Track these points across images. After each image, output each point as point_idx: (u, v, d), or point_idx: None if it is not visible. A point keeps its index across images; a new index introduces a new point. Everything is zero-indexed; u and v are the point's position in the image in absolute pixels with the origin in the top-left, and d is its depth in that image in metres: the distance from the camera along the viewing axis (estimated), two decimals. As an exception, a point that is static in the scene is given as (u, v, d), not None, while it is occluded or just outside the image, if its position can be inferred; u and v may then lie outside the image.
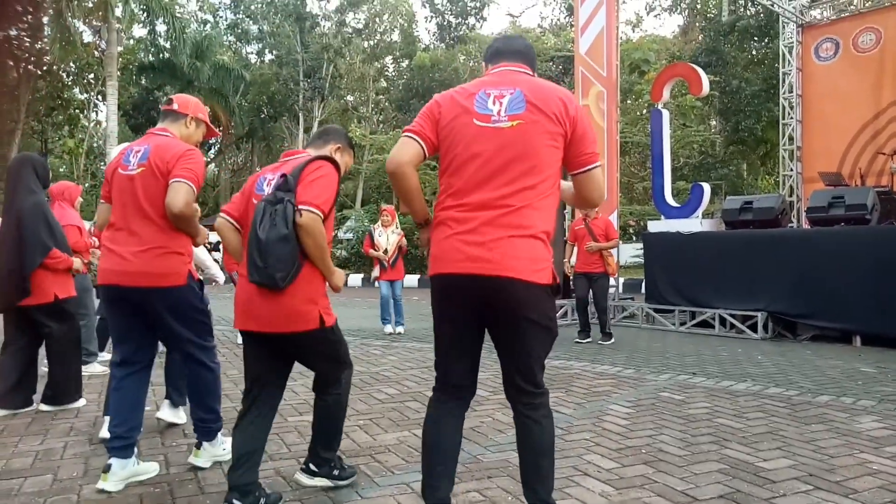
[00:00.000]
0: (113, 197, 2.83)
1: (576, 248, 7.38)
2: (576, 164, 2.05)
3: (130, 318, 2.81)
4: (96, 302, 5.64)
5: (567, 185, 2.18)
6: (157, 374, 5.15)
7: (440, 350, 2.14)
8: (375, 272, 8.23)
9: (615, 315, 9.34)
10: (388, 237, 8.15)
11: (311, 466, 2.67)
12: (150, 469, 2.86)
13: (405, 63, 33.31)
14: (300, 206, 2.28)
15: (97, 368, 5.17)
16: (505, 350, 2.07)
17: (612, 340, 7.14)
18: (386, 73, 34.04)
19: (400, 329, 8.07)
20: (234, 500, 2.34)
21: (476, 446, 3.28)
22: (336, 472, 2.68)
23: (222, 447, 3.00)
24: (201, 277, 3.11)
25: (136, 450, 2.82)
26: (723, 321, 7.90)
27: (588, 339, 7.18)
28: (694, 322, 8.22)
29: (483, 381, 4.89)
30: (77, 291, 4.24)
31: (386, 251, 8.00)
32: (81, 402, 4.12)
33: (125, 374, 2.83)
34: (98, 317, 5.37)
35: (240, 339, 7.15)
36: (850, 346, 6.81)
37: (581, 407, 4.13)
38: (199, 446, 2.97)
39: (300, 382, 4.89)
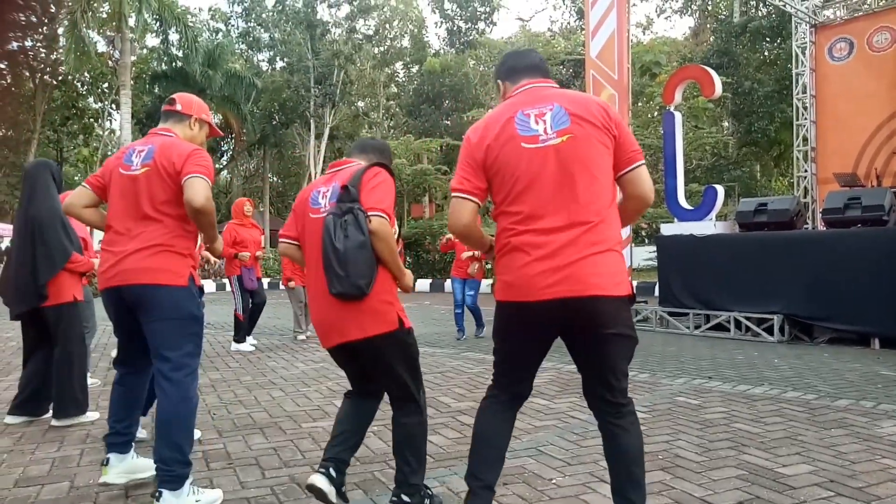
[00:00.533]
0: (111, 197, 2.71)
1: None
2: (623, 163, 2.03)
3: (127, 322, 2.68)
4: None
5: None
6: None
7: (507, 367, 2.15)
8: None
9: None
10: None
11: (404, 497, 2.40)
12: (148, 466, 2.76)
13: (415, 68, 33.41)
14: (369, 213, 2.28)
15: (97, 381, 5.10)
16: (589, 365, 2.06)
17: None
18: (396, 78, 34.18)
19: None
20: (331, 469, 2.39)
21: (491, 452, 3.26)
22: (427, 502, 2.46)
23: (195, 499, 2.54)
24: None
25: (133, 445, 2.84)
26: (738, 324, 7.82)
27: None
28: (709, 325, 8.15)
29: (497, 387, 4.88)
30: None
31: None
32: (94, 416, 3.97)
33: (126, 371, 2.79)
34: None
35: (234, 346, 7.19)
36: (869, 349, 6.72)
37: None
38: (158, 497, 2.45)
39: (314, 388, 4.90)
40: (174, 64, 25.76)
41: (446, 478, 2.90)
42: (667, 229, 9.52)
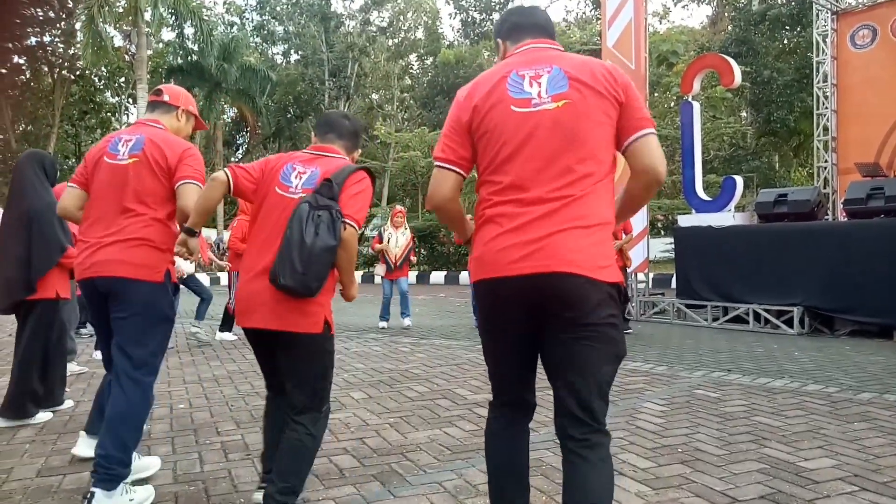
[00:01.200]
0: (95, 184, 2.62)
1: None
2: (630, 129, 1.75)
3: (106, 317, 2.58)
4: None
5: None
6: (191, 372, 5.23)
7: (492, 363, 1.91)
8: (380, 270, 8.31)
9: (646, 311, 9.22)
10: (397, 239, 8.18)
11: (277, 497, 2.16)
12: (149, 465, 2.84)
13: (429, 60, 33.32)
14: (346, 220, 2.22)
15: (74, 367, 5.08)
16: (556, 367, 1.75)
17: (632, 331, 7.23)
18: (410, 70, 34.09)
19: (408, 322, 8.18)
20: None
21: (508, 445, 3.24)
22: None
23: (129, 499, 2.44)
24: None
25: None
26: (757, 316, 7.73)
27: None
28: (727, 318, 8.06)
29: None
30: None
31: (392, 248, 8.11)
32: (69, 404, 4.03)
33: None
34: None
35: (219, 336, 7.18)
36: (891, 342, 6.60)
37: (614, 405, 4.06)
38: (90, 497, 2.35)
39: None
40: (190, 58, 25.87)
41: (463, 470, 2.89)
42: (684, 220, 9.42)
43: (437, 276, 20.42)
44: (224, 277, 17.50)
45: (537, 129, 1.74)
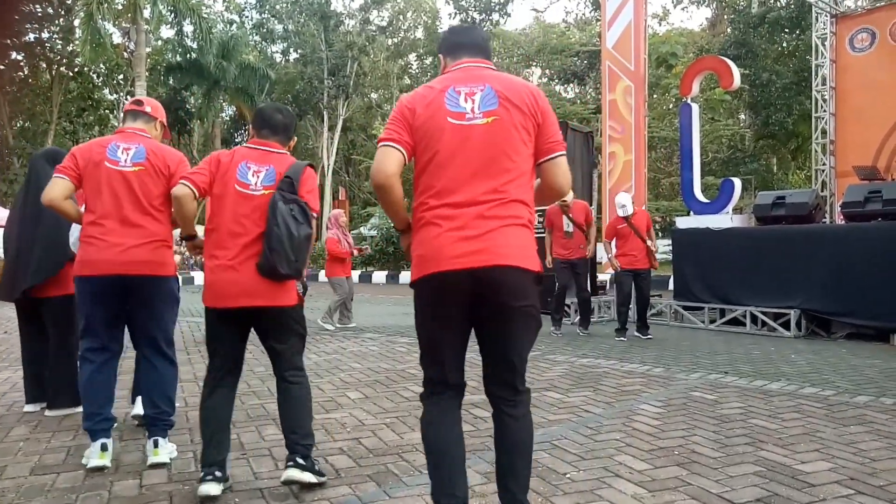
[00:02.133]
0: (96, 189, 2.90)
1: (614, 245, 7.32)
2: (544, 151, 2.04)
3: (117, 307, 2.96)
4: None
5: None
6: (187, 370, 5.21)
7: (435, 352, 2.08)
8: None
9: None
10: None
11: (299, 460, 2.60)
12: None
13: (429, 60, 33.26)
14: (312, 213, 2.64)
15: None
16: (493, 344, 2.04)
17: (651, 336, 7.19)
18: (410, 70, 34.07)
19: None
20: (217, 472, 2.54)
21: (504, 446, 3.24)
22: (317, 468, 2.70)
23: (171, 443, 3.09)
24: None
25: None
26: (754, 319, 7.73)
27: (625, 338, 7.11)
28: (724, 320, 8.07)
29: (510, 380, 4.85)
30: None
31: None
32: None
33: (104, 360, 2.97)
34: None
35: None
36: (888, 345, 6.61)
37: (610, 406, 4.06)
38: (156, 444, 2.96)
39: (326, 380, 4.91)
40: (189, 55, 25.84)
41: (459, 471, 2.88)
42: (682, 222, 9.43)
43: (435, 276, 20.39)
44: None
45: (469, 141, 1.99)
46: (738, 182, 8.90)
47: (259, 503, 2.54)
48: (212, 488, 2.50)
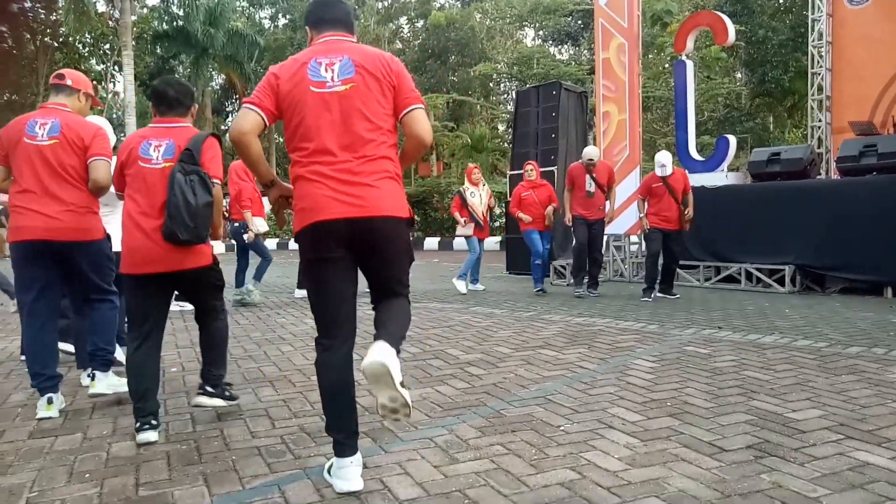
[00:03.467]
0: (19, 164, 3.14)
1: (646, 204, 7.16)
2: (402, 106, 2.30)
3: (50, 271, 3.18)
4: None
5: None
6: (184, 337, 5.23)
7: (325, 299, 2.30)
8: (466, 230, 7.99)
9: (637, 272, 9.25)
10: (480, 196, 7.98)
11: (209, 388, 3.03)
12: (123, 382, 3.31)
13: (420, 23, 32.71)
14: (213, 180, 2.86)
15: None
16: (376, 276, 2.36)
17: (678, 295, 7.13)
18: (401, 34, 33.50)
19: (480, 287, 8.10)
20: (153, 421, 2.79)
21: (499, 401, 3.27)
22: (228, 393, 3.12)
23: (116, 378, 3.41)
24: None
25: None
26: (749, 276, 7.77)
27: (651, 298, 6.93)
28: (719, 277, 8.10)
29: (505, 339, 4.88)
30: None
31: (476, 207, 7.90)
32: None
33: (42, 322, 3.20)
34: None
35: (297, 294, 7.38)
36: (882, 298, 6.66)
37: (604, 362, 4.09)
38: (93, 377, 3.36)
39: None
40: (175, 23, 25.35)
41: (454, 426, 2.92)
42: (677, 181, 9.37)
43: (431, 242, 20.41)
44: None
45: (331, 106, 2.23)
46: (732, 139, 8.85)
47: (256, 461, 2.56)
48: (150, 436, 2.76)
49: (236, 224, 7.15)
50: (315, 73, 2.25)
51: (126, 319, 3.29)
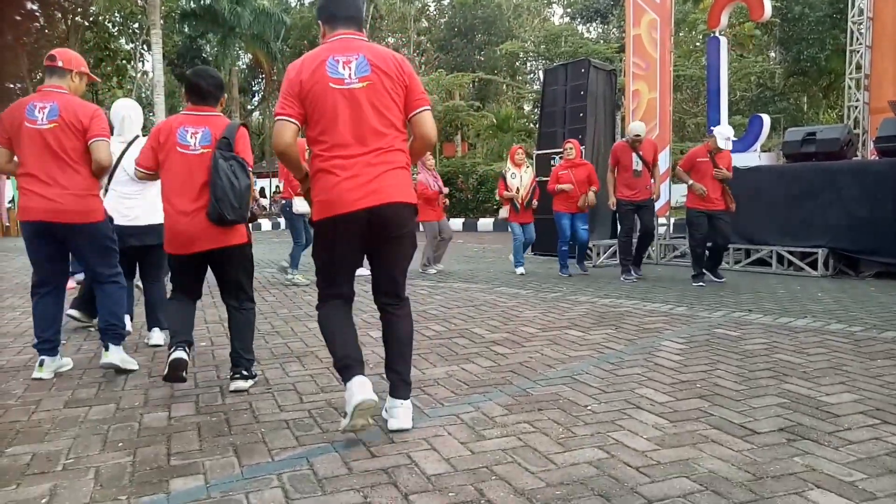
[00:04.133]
0: (23, 148, 3.22)
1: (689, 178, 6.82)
2: (412, 106, 2.51)
3: (52, 248, 3.33)
4: None
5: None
6: (212, 313, 5.30)
7: (334, 276, 2.59)
8: (504, 213, 7.82)
9: (666, 254, 9.13)
10: (521, 178, 7.68)
11: (245, 372, 3.19)
12: (67, 363, 3.57)
13: (446, 1, 32.36)
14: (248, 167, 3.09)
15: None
16: (382, 264, 2.59)
17: (724, 279, 6.82)
18: (427, 12, 33.19)
19: (521, 270, 7.81)
20: (185, 339, 3.03)
21: (526, 380, 3.26)
22: (256, 375, 3.29)
23: (124, 352, 3.55)
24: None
25: (60, 349, 3.52)
26: (780, 259, 7.61)
27: (703, 283, 6.61)
28: (749, 260, 7.96)
29: (531, 319, 4.86)
30: None
31: (518, 190, 7.60)
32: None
33: (47, 291, 3.38)
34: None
35: (296, 279, 7.38)
36: (919, 283, 6.48)
37: (632, 343, 4.05)
38: (107, 349, 3.45)
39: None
40: (203, 2, 25.40)
41: (480, 403, 2.91)
42: (708, 162, 9.17)
43: (456, 223, 20.36)
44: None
45: (349, 101, 2.42)
46: (766, 118, 8.63)
47: (285, 433, 2.59)
48: (182, 354, 2.95)
49: (284, 202, 7.34)
50: (333, 70, 2.42)
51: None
